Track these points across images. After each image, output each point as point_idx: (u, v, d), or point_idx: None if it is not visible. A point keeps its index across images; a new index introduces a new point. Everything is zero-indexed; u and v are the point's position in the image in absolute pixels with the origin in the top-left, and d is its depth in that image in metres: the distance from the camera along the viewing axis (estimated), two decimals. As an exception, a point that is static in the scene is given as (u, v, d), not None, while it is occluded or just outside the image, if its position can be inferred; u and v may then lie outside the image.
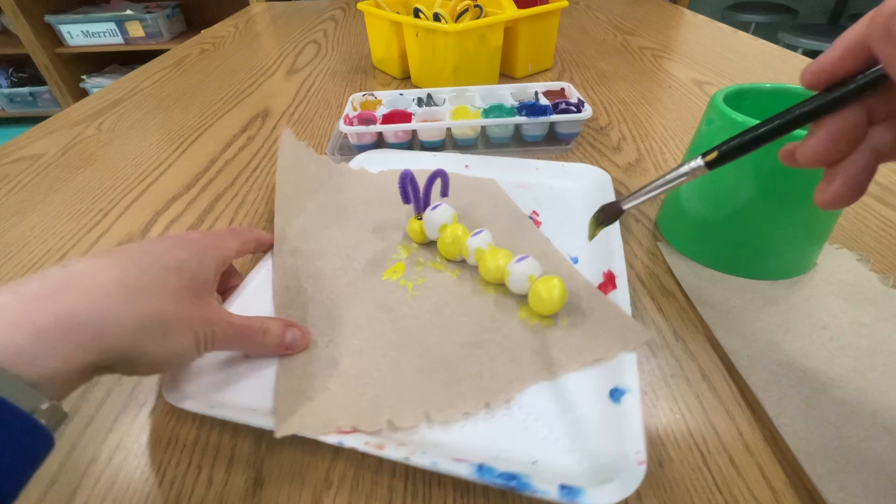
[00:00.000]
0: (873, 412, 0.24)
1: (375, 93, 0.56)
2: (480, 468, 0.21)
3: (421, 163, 0.46)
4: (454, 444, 0.24)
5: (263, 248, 0.34)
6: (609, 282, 0.31)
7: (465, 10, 0.62)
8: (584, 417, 0.24)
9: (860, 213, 0.40)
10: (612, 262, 0.32)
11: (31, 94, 2.16)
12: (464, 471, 0.21)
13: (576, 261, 0.34)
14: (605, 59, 0.80)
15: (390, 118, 0.51)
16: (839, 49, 0.16)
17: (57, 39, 1.98)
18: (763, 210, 0.30)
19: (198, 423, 0.26)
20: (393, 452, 0.22)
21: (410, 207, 0.36)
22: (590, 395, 0.25)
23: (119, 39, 1.98)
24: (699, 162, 0.19)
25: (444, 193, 0.36)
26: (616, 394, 0.24)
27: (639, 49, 0.83)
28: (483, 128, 0.51)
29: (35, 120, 0.76)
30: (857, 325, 0.29)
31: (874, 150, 0.16)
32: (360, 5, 0.73)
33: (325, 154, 0.53)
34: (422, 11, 0.64)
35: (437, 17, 0.62)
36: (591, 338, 0.27)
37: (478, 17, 0.63)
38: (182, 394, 0.25)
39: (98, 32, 1.96)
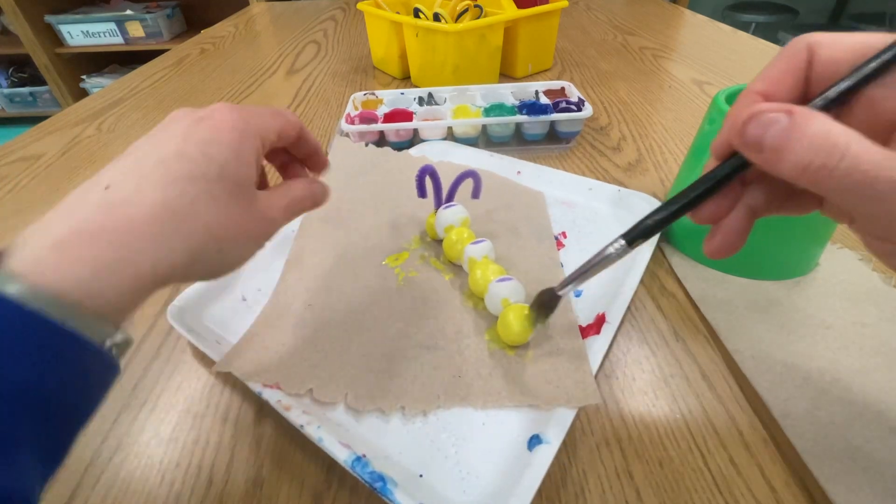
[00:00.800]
0: (878, 413, 0.24)
1: (377, 92, 0.56)
2: (358, 460, 0.22)
3: (477, 160, 0.46)
4: (359, 433, 0.25)
5: (307, 151, 0.27)
6: (596, 326, 0.29)
7: (465, 10, 0.62)
8: (491, 453, 0.23)
9: (861, 213, 0.40)
10: (613, 305, 0.30)
11: (31, 94, 2.16)
12: (341, 456, 0.22)
13: (578, 294, 0.32)
14: (605, 59, 0.80)
15: (392, 117, 0.51)
16: (725, 133, 0.18)
17: (57, 39, 1.98)
18: (764, 210, 0.30)
19: (198, 423, 0.26)
20: (294, 417, 0.24)
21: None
22: (509, 432, 0.24)
23: (119, 39, 1.98)
24: (622, 243, 0.21)
25: (475, 195, 0.36)
26: (533, 441, 0.23)
27: (639, 49, 0.83)
28: (484, 126, 0.51)
29: (35, 120, 0.76)
30: (860, 326, 0.29)
31: (749, 207, 0.19)
32: (360, 5, 0.73)
33: (328, 153, 0.53)
34: (422, 11, 0.63)
35: (437, 17, 0.62)
36: (541, 381, 0.26)
37: (478, 17, 0.63)
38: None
39: (98, 32, 1.97)
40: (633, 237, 0.20)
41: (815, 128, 0.14)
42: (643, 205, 0.39)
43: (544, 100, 0.52)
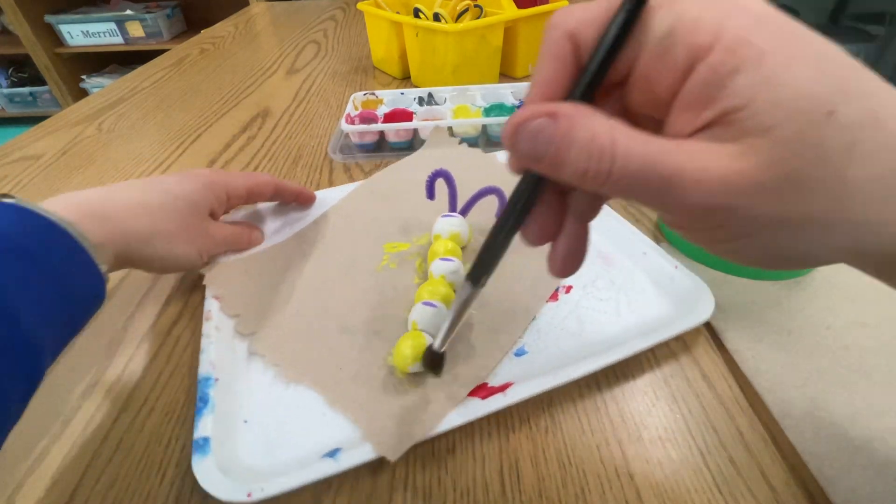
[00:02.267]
0: (879, 413, 0.24)
1: (377, 92, 0.56)
2: (207, 379, 0.26)
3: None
4: (237, 360, 0.28)
5: (288, 199, 0.40)
6: (487, 391, 0.25)
7: (465, 10, 0.62)
8: (307, 440, 0.24)
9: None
10: (536, 384, 0.25)
11: (31, 94, 2.16)
12: (201, 371, 0.26)
13: (520, 353, 0.28)
14: (606, 58, 0.80)
15: (392, 117, 0.51)
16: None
17: (57, 39, 1.98)
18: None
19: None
20: (206, 326, 0.29)
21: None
22: (332, 433, 0.25)
23: (119, 39, 1.98)
24: (470, 287, 0.20)
25: (499, 213, 0.34)
26: (333, 453, 0.23)
27: (639, 49, 0.83)
28: (484, 126, 0.51)
29: (35, 120, 0.76)
30: (860, 326, 0.29)
31: (577, 215, 0.17)
32: (360, 5, 0.73)
33: (328, 153, 0.53)
34: (422, 11, 0.63)
35: (437, 17, 0.62)
36: (384, 415, 0.25)
37: (478, 17, 0.63)
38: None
39: (98, 32, 1.97)
40: (475, 276, 0.19)
41: (581, 132, 0.13)
42: (691, 295, 0.30)
43: (544, 100, 0.52)
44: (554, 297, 0.32)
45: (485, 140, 0.52)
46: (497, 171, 0.44)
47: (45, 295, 0.21)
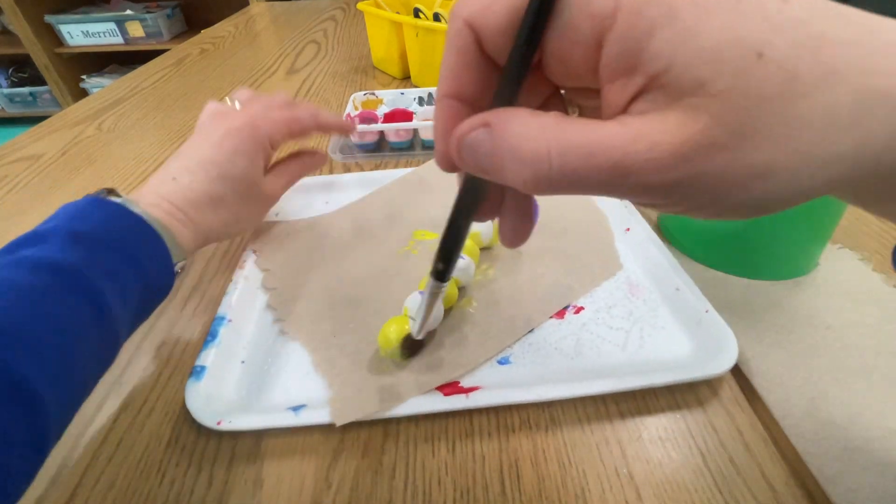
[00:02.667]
0: (879, 413, 0.24)
1: (377, 92, 0.56)
2: (222, 319, 0.30)
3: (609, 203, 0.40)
4: (253, 307, 0.32)
5: (329, 131, 0.44)
6: (454, 390, 0.26)
7: (466, 10, 0.62)
8: (286, 387, 0.27)
9: (861, 214, 0.40)
10: (503, 394, 0.26)
11: (31, 94, 2.16)
12: (219, 312, 0.31)
13: (503, 361, 0.28)
14: (606, 58, 0.80)
15: (392, 117, 0.51)
16: (443, 149, 0.16)
17: (57, 39, 1.98)
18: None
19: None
20: (238, 273, 0.34)
21: None
22: (305, 390, 0.27)
23: (119, 39, 1.98)
24: (434, 282, 0.20)
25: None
26: (296, 408, 0.25)
27: (639, 49, 0.83)
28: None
29: (35, 120, 0.76)
30: (860, 326, 0.29)
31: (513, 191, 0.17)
32: (360, 5, 0.73)
33: (328, 153, 0.53)
34: (422, 11, 0.63)
35: (437, 17, 0.62)
36: (353, 387, 0.26)
37: (478, 17, 0.63)
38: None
39: (98, 32, 1.97)
40: (438, 273, 0.20)
41: (513, 140, 0.12)
42: (713, 345, 0.27)
43: (544, 100, 0.52)
44: (560, 314, 0.31)
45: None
46: None
47: (129, 284, 0.25)
